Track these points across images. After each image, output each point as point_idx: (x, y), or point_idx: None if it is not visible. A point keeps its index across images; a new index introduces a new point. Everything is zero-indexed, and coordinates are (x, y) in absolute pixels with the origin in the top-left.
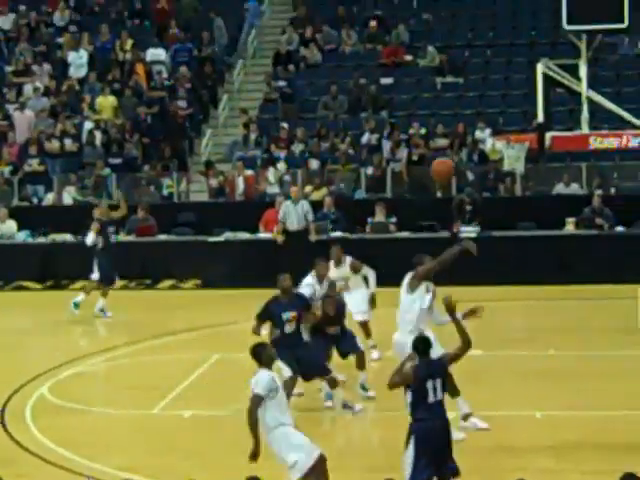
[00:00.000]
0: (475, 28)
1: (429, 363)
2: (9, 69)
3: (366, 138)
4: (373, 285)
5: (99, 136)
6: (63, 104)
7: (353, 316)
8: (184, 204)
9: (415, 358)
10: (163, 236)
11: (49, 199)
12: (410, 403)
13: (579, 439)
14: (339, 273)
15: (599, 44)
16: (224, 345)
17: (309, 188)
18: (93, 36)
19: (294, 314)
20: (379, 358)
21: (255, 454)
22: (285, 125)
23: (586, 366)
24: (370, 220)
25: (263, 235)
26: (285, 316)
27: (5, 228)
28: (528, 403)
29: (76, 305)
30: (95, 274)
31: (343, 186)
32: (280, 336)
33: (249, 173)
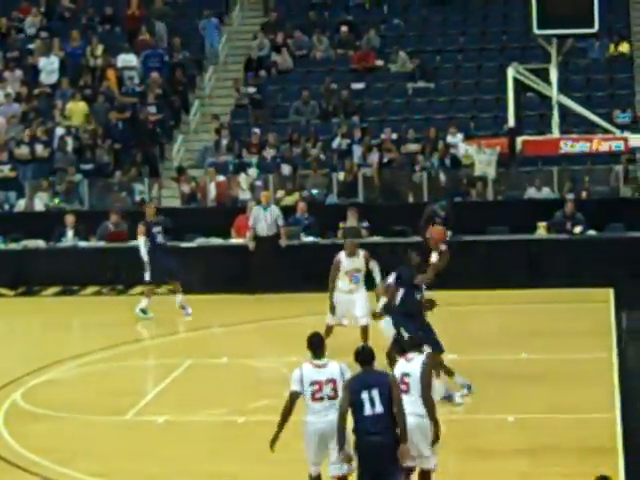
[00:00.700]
0: (446, 33)
1: (367, 374)
2: None
3: (336, 143)
4: (380, 277)
5: (70, 142)
6: (34, 110)
7: (358, 320)
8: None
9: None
10: (135, 242)
11: (21, 205)
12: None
13: (552, 442)
14: (353, 264)
15: (569, 48)
16: (197, 350)
17: (281, 193)
18: (64, 42)
19: None
20: None
21: None
22: (257, 131)
23: (558, 369)
24: (342, 225)
25: (235, 241)
26: None
27: None
28: (501, 406)
29: (143, 311)
30: (146, 275)
31: (317, 192)
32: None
33: (221, 179)
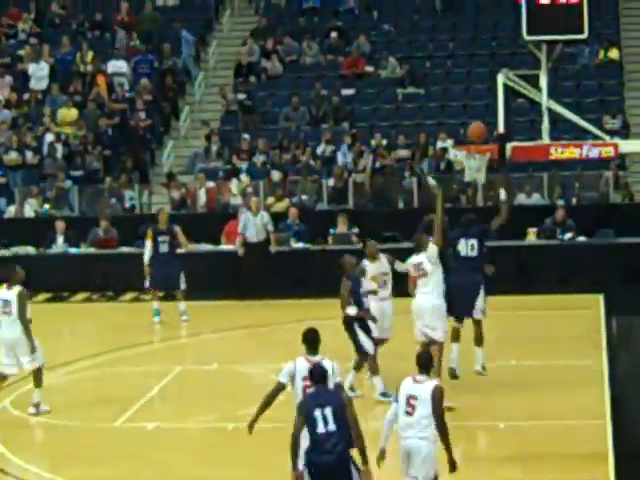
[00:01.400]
0: (435, 39)
1: (321, 391)
2: None
3: (321, 149)
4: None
5: (60, 148)
6: (24, 116)
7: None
8: (146, 216)
9: None
10: (125, 248)
11: (11, 211)
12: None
13: (543, 449)
14: (379, 268)
15: (559, 54)
16: (187, 357)
17: (271, 200)
18: (54, 48)
19: None
20: None
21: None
22: (246, 137)
23: (548, 376)
24: (332, 231)
25: (225, 247)
26: None
27: None
28: (491, 413)
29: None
30: (146, 281)
31: (307, 197)
32: None
33: (211, 185)
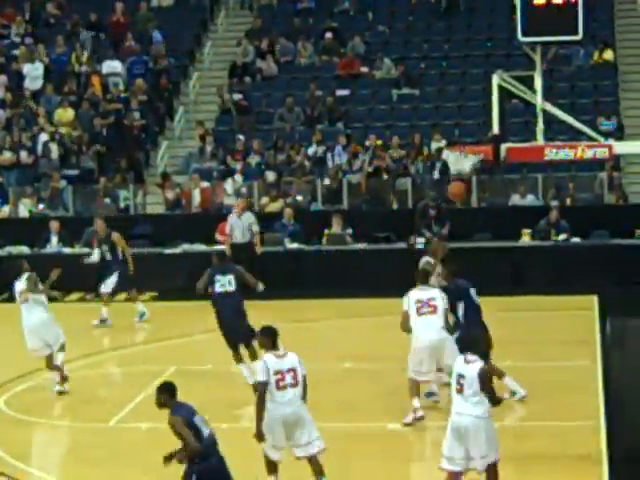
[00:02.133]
0: (430, 40)
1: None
2: None
3: (312, 150)
4: None
5: (55, 148)
6: (19, 116)
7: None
8: (140, 216)
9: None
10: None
11: (5, 211)
12: None
13: (537, 450)
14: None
15: (554, 56)
16: (181, 357)
17: (266, 200)
18: (49, 48)
19: None
20: None
21: None
22: (241, 137)
23: (542, 377)
24: (326, 231)
25: (220, 247)
26: None
27: None
28: None
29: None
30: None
31: (301, 198)
32: None
33: (205, 185)
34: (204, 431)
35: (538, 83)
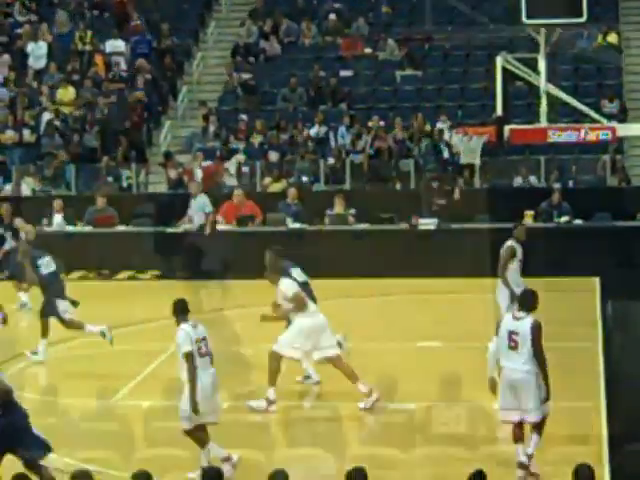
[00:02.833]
0: (434, 21)
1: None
2: None
3: (315, 130)
4: None
5: (58, 126)
6: (22, 95)
7: None
8: (143, 195)
9: None
10: (122, 227)
11: (8, 190)
12: None
13: None
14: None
15: (557, 38)
16: None
17: (268, 180)
18: (52, 27)
19: None
20: None
21: None
22: (244, 117)
23: None
24: (329, 212)
25: (222, 227)
26: None
27: None
28: (486, 394)
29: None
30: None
31: (306, 179)
32: None
33: (208, 164)
34: None
35: (542, 65)
